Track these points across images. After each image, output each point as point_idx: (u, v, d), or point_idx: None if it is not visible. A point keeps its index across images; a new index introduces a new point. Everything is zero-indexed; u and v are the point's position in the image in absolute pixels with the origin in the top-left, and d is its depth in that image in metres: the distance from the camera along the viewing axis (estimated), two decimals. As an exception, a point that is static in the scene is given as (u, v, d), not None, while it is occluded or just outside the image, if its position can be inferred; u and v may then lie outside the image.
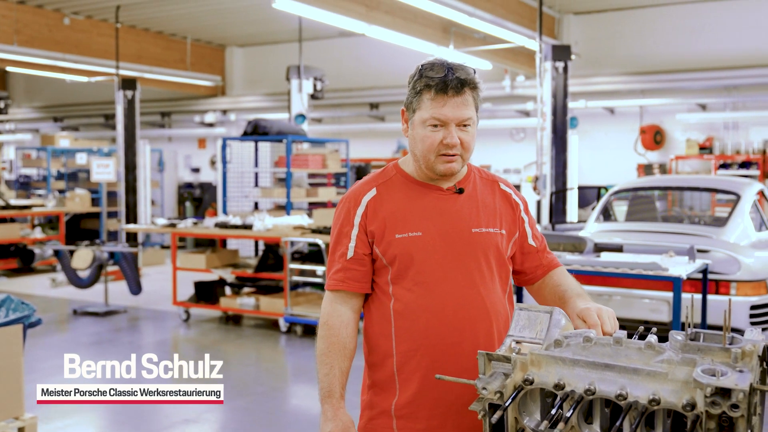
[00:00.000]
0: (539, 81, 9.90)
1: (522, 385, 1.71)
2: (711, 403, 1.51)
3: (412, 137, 2.16)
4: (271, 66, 16.66)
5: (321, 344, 2.20)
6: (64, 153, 15.75)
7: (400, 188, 2.20)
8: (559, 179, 9.80)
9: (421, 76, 2.09)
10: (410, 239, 2.13)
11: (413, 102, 2.12)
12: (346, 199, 2.23)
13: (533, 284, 2.36)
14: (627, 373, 1.63)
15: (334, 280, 2.21)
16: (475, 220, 2.19)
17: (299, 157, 10.26)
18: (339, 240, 2.21)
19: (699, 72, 12.60)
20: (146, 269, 12.95)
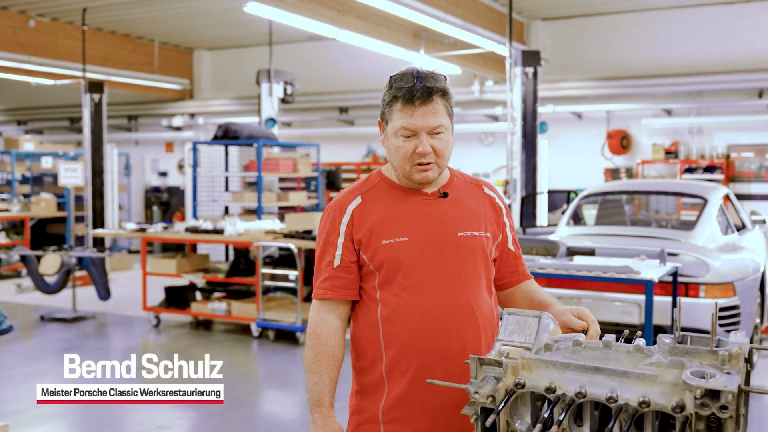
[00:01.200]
0: (509, 86, 9.99)
1: (514, 388, 1.73)
2: (700, 404, 1.54)
3: (388, 148, 2.17)
4: (239, 69, 16.58)
5: (309, 353, 2.18)
6: (28, 157, 15.52)
7: (384, 195, 2.21)
8: (529, 183, 9.89)
9: (391, 86, 2.11)
10: (397, 245, 2.14)
11: (386, 113, 2.14)
12: (331, 208, 2.23)
13: (505, 290, 2.36)
14: (617, 376, 1.66)
15: (322, 288, 2.21)
16: (460, 223, 2.20)
17: (270, 161, 10.23)
18: (325, 249, 2.21)
19: (664, 78, 12.81)
20: (114, 274, 12.79)
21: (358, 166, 15.79)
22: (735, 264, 6.52)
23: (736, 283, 6.27)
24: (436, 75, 2.11)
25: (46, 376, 7.10)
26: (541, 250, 6.22)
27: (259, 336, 8.45)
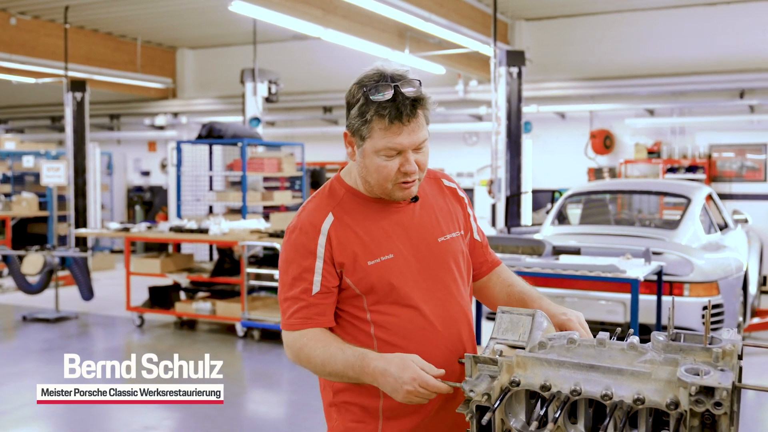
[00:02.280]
0: (494, 86, 10.01)
1: (509, 386, 1.74)
2: (695, 401, 1.56)
3: (364, 165, 2.01)
4: (223, 68, 16.52)
5: (313, 355, 1.99)
6: (9, 156, 15.38)
7: (356, 209, 2.07)
8: (513, 183, 9.92)
9: (368, 100, 1.92)
10: (383, 264, 2.02)
11: (362, 129, 1.95)
12: (300, 228, 2.04)
13: (477, 281, 2.31)
14: (611, 373, 1.67)
15: (300, 318, 2.03)
16: (437, 228, 2.13)
17: (255, 160, 10.20)
18: (299, 275, 2.02)
19: (647, 78, 12.89)
20: (96, 274, 12.70)
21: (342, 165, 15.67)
22: (718, 263, 6.58)
23: (719, 282, 6.33)
24: (411, 80, 1.94)
25: (28, 377, 7.04)
26: (527, 250, 6.24)
27: (244, 336, 8.43)
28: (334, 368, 1.96)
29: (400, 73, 1.95)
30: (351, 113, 1.97)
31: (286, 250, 2.07)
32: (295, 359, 2.05)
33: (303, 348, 2.00)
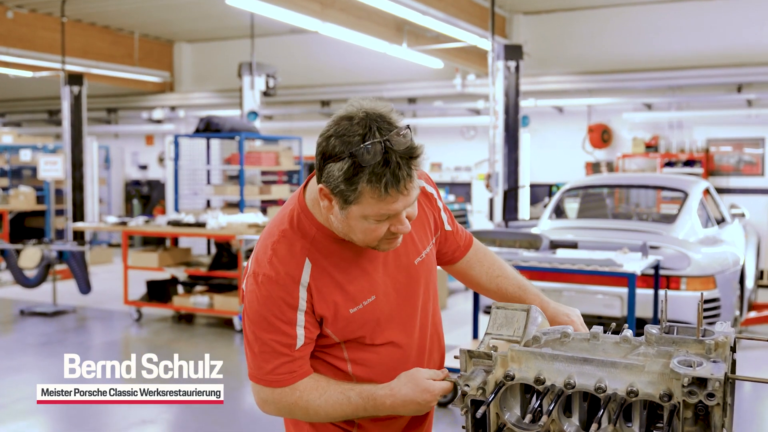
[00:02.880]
0: (491, 80, 10.01)
1: (503, 380, 1.75)
2: (688, 392, 1.57)
3: (347, 225, 1.77)
4: (220, 62, 16.49)
5: (311, 407, 1.86)
6: (7, 149, 15.36)
7: (331, 249, 1.85)
8: (511, 177, 9.93)
9: (355, 164, 1.65)
10: (365, 309, 1.88)
11: (347, 194, 1.69)
12: (274, 280, 1.80)
13: (453, 264, 2.21)
14: (605, 366, 1.68)
15: (284, 374, 1.84)
16: (413, 249, 1.98)
17: (252, 154, 10.20)
18: (278, 329, 1.81)
19: (645, 72, 12.88)
20: (94, 268, 12.71)
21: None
22: (715, 257, 6.59)
23: (716, 276, 6.34)
24: (400, 129, 1.67)
25: (26, 371, 7.05)
26: (524, 243, 6.25)
27: (242, 330, 8.43)
28: (342, 415, 1.86)
29: (386, 117, 1.69)
30: (331, 171, 1.68)
31: (257, 301, 1.81)
32: (283, 413, 1.90)
33: (297, 402, 1.85)
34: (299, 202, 1.87)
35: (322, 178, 1.72)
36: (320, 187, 1.73)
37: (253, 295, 1.82)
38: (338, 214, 1.74)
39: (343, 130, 1.67)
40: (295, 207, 1.88)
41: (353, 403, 1.83)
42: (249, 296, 1.83)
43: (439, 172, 15.46)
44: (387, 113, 1.70)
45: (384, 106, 1.72)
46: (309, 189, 1.88)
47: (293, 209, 1.88)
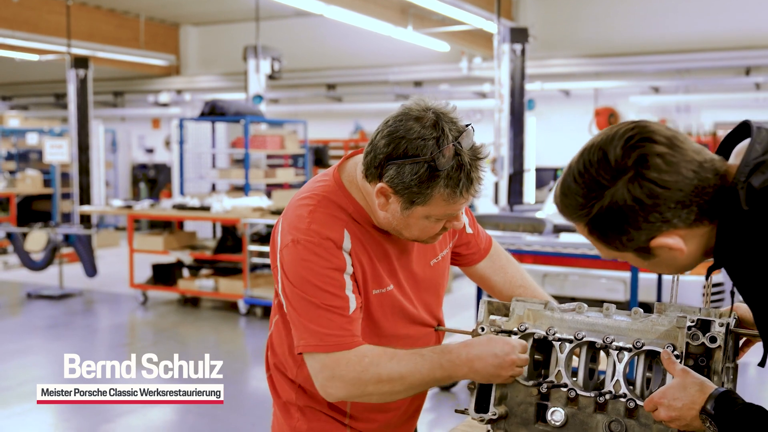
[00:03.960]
0: (497, 63, 9.96)
1: (517, 331, 1.82)
2: (691, 335, 1.62)
3: (405, 224, 1.74)
4: (226, 45, 16.46)
5: (386, 373, 1.71)
6: (13, 133, 15.39)
7: (365, 230, 1.81)
8: (516, 161, 9.90)
9: (435, 171, 1.62)
10: (383, 295, 1.85)
11: (416, 197, 1.67)
12: (317, 243, 1.72)
13: (472, 267, 2.18)
14: (614, 328, 1.77)
15: (344, 336, 1.71)
16: (431, 249, 1.96)
17: (257, 138, 10.19)
18: (328, 292, 1.72)
19: (652, 55, 12.81)
20: (100, 251, 12.76)
21: (345, 143, 15.76)
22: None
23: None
24: (466, 128, 1.67)
25: (33, 353, 7.11)
26: (527, 227, 6.24)
27: (246, 313, 8.47)
28: (419, 379, 1.73)
29: (452, 117, 1.67)
30: (400, 172, 1.64)
31: (301, 267, 1.72)
32: (353, 390, 1.71)
33: (367, 369, 1.70)
34: (335, 179, 1.82)
35: (383, 177, 1.67)
36: (381, 186, 1.68)
37: (295, 262, 1.73)
38: (397, 212, 1.72)
39: (415, 133, 1.63)
40: (329, 183, 1.82)
41: (428, 359, 1.74)
42: (291, 265, 1.73)
43: (445, 155, 15.43)
44: (452, 113, 1.68)
45: (446, 105, 1.69)
46: (346, 170, 1.84)
47: (328, 184, 1.82)
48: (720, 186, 1.32)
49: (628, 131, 1.33)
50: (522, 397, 1.81)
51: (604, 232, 1.36)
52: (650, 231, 1.33)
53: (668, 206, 1.30)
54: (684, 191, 1.29)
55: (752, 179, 1.28)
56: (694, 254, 1.38)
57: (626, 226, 1.33)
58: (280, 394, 1.98)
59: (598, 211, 1.32)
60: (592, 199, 1.33)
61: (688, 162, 1.30)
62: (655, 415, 1.53)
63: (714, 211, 1.32)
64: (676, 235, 1.33)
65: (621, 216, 1.32)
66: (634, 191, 1.29)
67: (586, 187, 1.33)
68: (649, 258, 1.39)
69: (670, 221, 1.31)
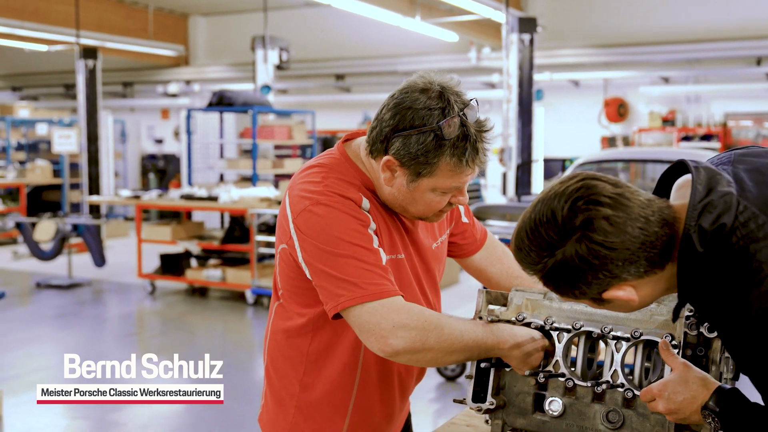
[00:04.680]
0: (505, 53, 9.93)
1: (515, 320, 1.81)
2: (689, 325, 1.62)
3: (411, 198, 1.74)
4: (235, 36, 16.46)
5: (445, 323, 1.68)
6: (23, 123, 15.46)
7: (374, 200, 1.79)
8: (524, 151, 9.87)
9: (441, 140, 1.62)
10: (395, 262, 1.81)
11: (423, 168, 1.66)
12: (338, 202, 1.70)
13: (467, 259, 2.16)
14: (613, 318, 1.75)
15: (390, 282, 1.67)
16: (431, 233, 1.96)
17: (265, 128, 10.19)
18: (358, 246, 1.67)
19: (662, 45, 12.73)
20: (110, 241, 12.81)
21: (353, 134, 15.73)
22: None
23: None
24: (470, 102, 1.67)
25: (41, 342, 7.15)
26: (534, 218, 6.22)
27: (254, 303, 8.49)
28: (473, 337, 1.70)
29: (458, 91, 1.67)
30: (407, 143, 1.64)
31: (325, 225, 1.67)
32: (416, 336, 1.62)
33: (425, 315, 1.66)
34: (342, 154, 1.82)
35: (389, 149, 1.67)
36: (387, 159, 1.68)
37: (318, 223, 1.67)
38: (403, 186, 1.71)
39: (421, 103, 1.64)
40: (336, 156, 1.82)
41: (479, 323, 1.74)
42: (314, 227, 1.67)
43: (454, 146, 15.41)
44: (456, 86, 1.68)
45: (451, 79, 1.70)
46: (350, 148, 1.84)
47: (335, 157, 1.81)
48: (670, 233, 1.36)
49: (575, 192, 1.35)
50: (520, 387, 1.80)
51: (557, 284, 1.40)
52: (600, 285, 1.37)
53: (616, 264, 1.33)
54: (631, 249, 1.33)
55: (701, 221, 1.31)
56: (649, 298, 1.42)
57: (577, 282, 1.37)
58: (276, 386, 1.93)
59: (552, 266, 1.36)
60: (544, 257, 1.37)
61: (633, 220, 1.33)
62: (652, 406, 1.53)
63: (665, 258, 1.36)
64: (627, 286, 1.37)
65: (571, 272, 1.36)
66: (582, 251, 1.33)
67: (538, 245, 1.37)
68: (604, 305, 1.43)
69: (619, 276, 1.35)
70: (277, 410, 1.93)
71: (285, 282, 1.84)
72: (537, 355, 1.76)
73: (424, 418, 4.99)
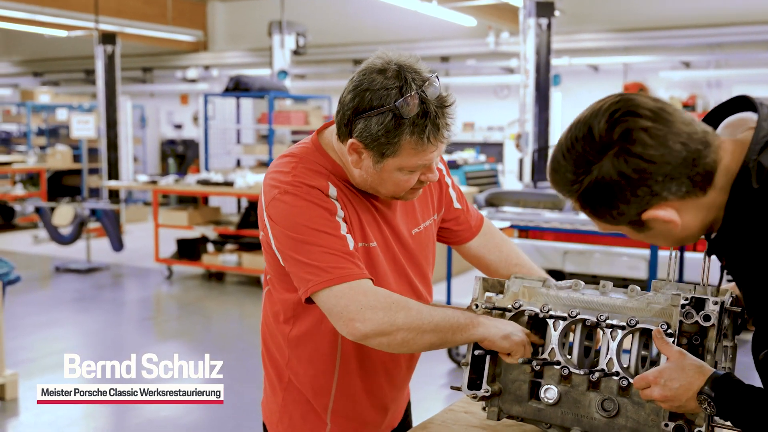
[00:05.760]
0: (522, 38, 9.84)
1: (511, 308, 1.80)
2: (685, 314, 1.60)
3: (379, 179, 1.73)
4: (253, 21, 16.46)
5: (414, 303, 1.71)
6: (44, 109, 15.57)
7: (345, 187, 1.80)
8: (541, 137, 9.80)
9: (399, 119, 1.62)
10: (367, 250, 1.81)
11: (385, 148, 1.66)
12: (306, 191, 1.71)
13: (464, 245, 2.14)
14: (609, 307, 1.74)
15: (356, 266, 1.69)
16: (413, 219, 1.94)
17: (281, 113, 10.21)
18: (325, 233, 1.69)
19: (683, 29, 12.57)
20: (129, 226, 12.92)
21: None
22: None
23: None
24: (430, 78, 1.66)
25: (59, 326, 7.23)
26: (547, 204, 6.20)
27: (270, 287, 8.51)
28: (444, 323, 1.70)
29: (416, 68, 1.66)
30: (368, 125, 1.65)
31: (292, 214, 1.70)
32: (385, 319, 1.64)
33: (393, 297, 1.68)
34: (314, 143, 1.83)
35: (353, 132, 1.68)
36: (351, 141, 1.68)
37: (286, 211, 1.71)
38: (370, 168, 1.71)
39: (378, 84, 1.64)
40: (308, 145, 1.83)
41: (451, 307, 1.75)
42: (282, 215, 1.71)
43: (472, 131, 15.35)
44: (415, 64, 1.68)
45: (410, 57, 1.70)
46: (323, 136, 1.84)
47: (307, 146, 1.83)
48: (715, 159, 1.32)
49: (613, 105, 1.32)
50: (515, 375, 1.80)
51: (594, 206, 1.36)
52: (640, 204, 1.33)
53: (656, 180, 1.29)
54: (672, 164, 1.29)
55: (761, 157, 1.28)
56: (691, 226, 1.37)
57: (615, 201, 1.33)
58: (268, 369, 1.98)
59: (588, 185, 1.33)
60: (580, 175, 1.33)
61: (675, 134, 1.29)
62: (647, 393, 1.52)
63: (707, 182, 1.32)
64: (668, 207, 1.33)
65: (609, 190, 1.32)
66: (620, 166, 1.29)
67: (575, 162, 1.34)
68: (643, 230, 1.39)
69: (659, 194, 1.31)
70: (270, 393, 1.98)
71: (269, 268, 1.87)
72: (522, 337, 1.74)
73: (433, 403, 5.01)
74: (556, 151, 1.39)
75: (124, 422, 4.73)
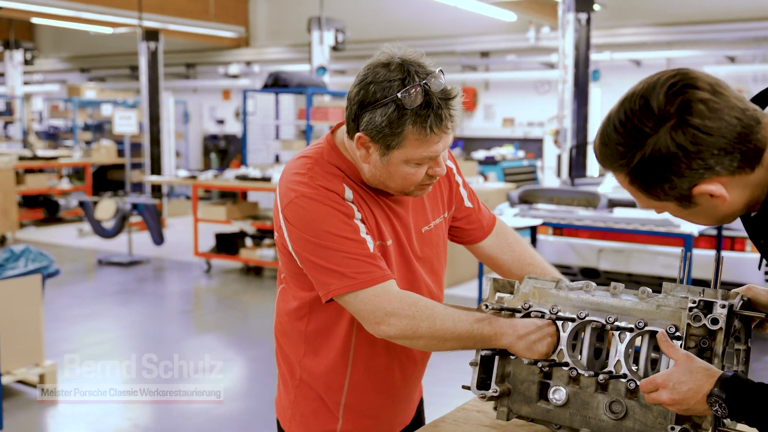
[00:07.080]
0: (561, 33, 9.77)
1: (521, 309, 1.81)
2: (693, 317, 1.60)
3: (386, 173, 1.76)
4: (294, 17, 16.56)
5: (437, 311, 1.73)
6: (90, 104, 15.89)
7: (359, 188, 1.83)
8: (580, 133, 9.72)
9: (399, 108, 1.65)
10: (383, 248, 1.83)
11: (390, 139, 1.69)
12: (323, 195, 1.74)
13: (476, 245, 2.15)
14: (619, 309, 1.74)
15: (378, 268, 1.73)
16: (422, 216, 1.96)
17: (320, 109, 10.27)
18: (345, 238, 1.72)
19: (728, 23, 12.33)
20: (171, 220, 13.13)
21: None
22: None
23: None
24: (435, 72, 1.68)
25: (100, 317, 7.40)
26: (582, 202, 6.15)
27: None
28: (464, 328, 1.73)
29: (420, 62, 1.70)
30: (372, 118, 1.67)
31: (311, 219, 1.73)
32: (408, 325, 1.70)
33: (418, 304, 1.72)
34: (328, 142, 1.85)
35: (360, 126, 1.70)
36: (358, 135, 1.71)
37: (304, 216, 1.73)
38: (377, 161, 1.74)
39: (381, 77, 1.67)
40: (323, 145, 1.85)
41: (470, 311, 1.76)
42: (300, 220, 1.73)
43: (512, 127, 15.26)
44: (420, 58, 1.70)
45: (414, 52, 1.72)
46: (337, 134, 1.86)
47: (322, 147, 1.85)
48: (764, 136, 1.33)
49: (671, 78, 1.33)
50: (525, 375, 1.81)
51: (645, 181, 1.36)
52: (693, 178, 1.33)
53: (711, 153, 1.30)
54: (727, 138, 1.30)
55: None
56: (736, 203, 1.38)
57: (669, 174, 1.33)
58: (282, 366, 2.01)
59: (640, 159, 1.33)
60: (633, 148, 1.33)
61: (730, 108, 1.31)
62: (655, 396, 1.51)
63: (756, 158, 1.33)
64: (718, 182, 1.33)
65: (663, 164, 1.32)
66: (678, 138, 1.30)
67: (628, 135, 1.34)
68: (690, 207, 1.39)
69: (712, 168, 1.31)
70: (283, 390, 2.01)
71: (284, 266, 1.90)
72: (547, 341, 1.75)
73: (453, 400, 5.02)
74: (605, 124, 1.39)
75: (158, 413, 4.84)
